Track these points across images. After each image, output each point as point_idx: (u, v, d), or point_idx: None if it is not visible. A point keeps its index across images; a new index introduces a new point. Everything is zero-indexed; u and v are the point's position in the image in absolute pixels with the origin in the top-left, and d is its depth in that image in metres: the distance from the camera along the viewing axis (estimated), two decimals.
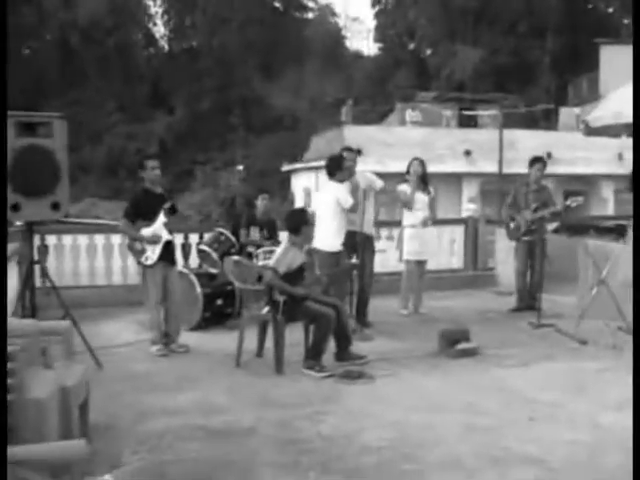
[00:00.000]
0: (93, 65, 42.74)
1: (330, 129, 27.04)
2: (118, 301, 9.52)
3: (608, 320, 7.63)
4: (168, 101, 44.49)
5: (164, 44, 49.76)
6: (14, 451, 2.36)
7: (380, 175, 8.59)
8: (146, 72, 45.01)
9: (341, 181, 7.59)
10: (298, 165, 30.12)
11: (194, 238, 10.07)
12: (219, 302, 8.38)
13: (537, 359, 6.76)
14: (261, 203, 9.09)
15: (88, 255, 10.15)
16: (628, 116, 8.80)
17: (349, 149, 8.34)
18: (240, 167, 9.44)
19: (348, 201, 7.49)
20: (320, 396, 5.67)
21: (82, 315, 6.66)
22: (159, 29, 49.98)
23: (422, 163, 8.92)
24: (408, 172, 8.93)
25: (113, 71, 42.59)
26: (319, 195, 7.91)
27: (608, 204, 23.20)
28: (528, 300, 9.17)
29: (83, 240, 10.20)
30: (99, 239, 10.26)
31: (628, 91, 9.50)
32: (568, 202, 8.75)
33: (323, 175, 26.16)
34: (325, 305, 6.50)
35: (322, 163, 25.95)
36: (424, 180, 8.92)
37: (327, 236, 7.49)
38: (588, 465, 4.24)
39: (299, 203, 29.18)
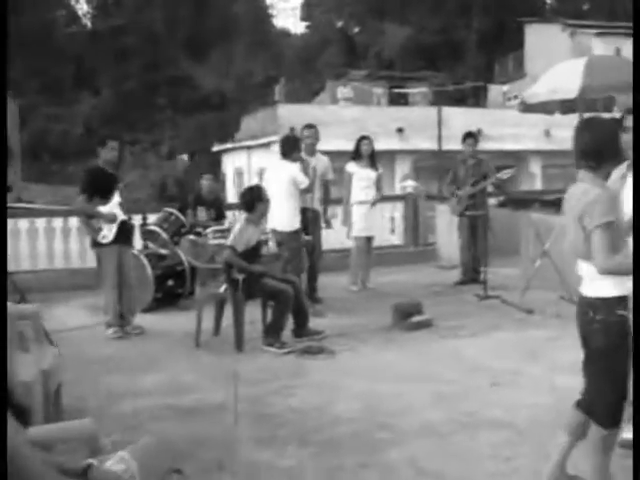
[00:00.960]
0: (11, 43, 41.31)
1: (262, 108, 26.90)
2: (62, 285, 9.38)
3: (551, 290, 7.94)
4: (93, 81, 43.46)
5: (87, 22, 48.53)
6: (29, 431, 2.37)
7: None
8: (69, 51, 43.80)
9: (294, 161, 7.63)
10: (229, 145, 29.89)
11: (137, 219, 9.99)
12: (170, 282, 8.35)
13: (488, 329, 7.00)
14: (205, 183, 9.06)
15: (29, 239, 9.94)
16: (562, 92, 9.11)
17: (310, 126, 8.40)
18: (184, 156, 9.33)
19: (305, 181, 7.55)
20: (285, 371, 5.76)
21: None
22: (82, 7, 48.73)
23: (371, 142, 9.07)
24: (357, 151, 9.04)
25: (34, 50, 41.28)
26: (271, 174, 7.92)
27: (536, 179, 23.85)
28: (472, 273, 9.43)
29: (23, 224, 9.97)
30: (40, 223, 10.06)
31: (563, 68, 9.79)
32: (500, 175, 9.09)
33: (256, 155, 26.11)
34: (283, 282, 6.58)
35: (254, 142, 25.72)
36: (372, 158, 9.05)
37: (285, 216, 7.53)
38: (552, 425, 4.42)
39: (230, 183, 29.06)
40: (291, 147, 7.69)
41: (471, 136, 9.68)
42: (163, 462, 2.49)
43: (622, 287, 3.27)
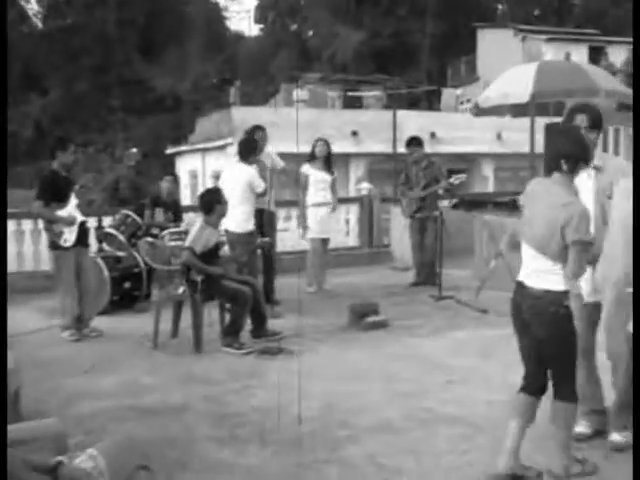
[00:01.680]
0: None
1: (217, 110, 26.85)
2: (16, 288, 9.24)
3: (505, 290, 8.11)
4: (43, 82, 42.79)
5: (37, 22, 47.74)
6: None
7: None
8: (18, 51, 43.08)
9: (252, 164, 7.71)
10: (183, 147, 29.75)
11: (92, 222, 9.93)
12: (127, 285, 8.32)
13: (444, 328, 7.14)
14: (165, 185, 9.06)
15: None
16: (514, 97, 9.37)
17: (260, 127, 8.49)
18: (134, 150, 9.29)
19: (261, 185, 7.63)
20: (244, 372, 5.81)
21: None
22: (32, 7, 47.88)
23: (326, 144, 9.13)
24: (312, 153, 9.10)
25: None
26: (227, 175, 7.97)
27: (488, 182, 24.24)
28: (425, 274, 9.56)
29: None
30: None
31: (515, 73, 10.04)
32: (452, 180, 9.20)
33: (210, 157, 25.89)
34: (241, 284, 6.62)
35: (209, 145, 25.54)
36: (328, 161, 9.10)
37: (240, 218, 7.58)
38: (506, 420, 4.57)
39: (185, 186, 28.91)
40: (249, 150, 7.76)
41: (413, 140, 9.64)
42: (131, 459, 2.53)
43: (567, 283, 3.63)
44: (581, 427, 4.21)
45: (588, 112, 4.12)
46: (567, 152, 3.61)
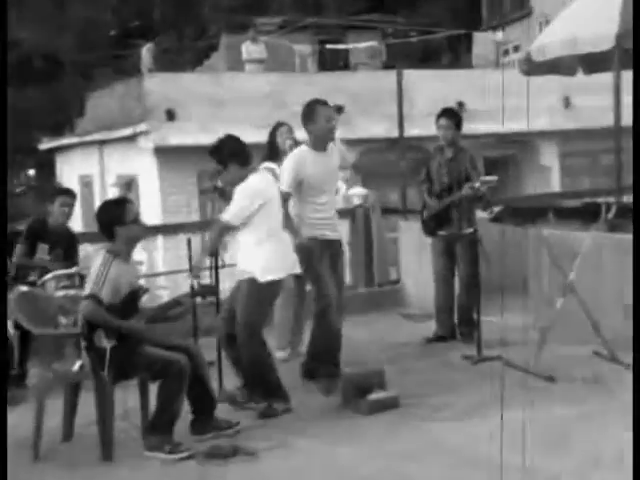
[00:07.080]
0: None
1: (119, 80, 26.96)
2: None
3: (580, 343, 8.33)
4: None
5: None
6: None
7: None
8: None
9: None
10: (68, 140, 29.72)
11: None
12: None
13: (484, 407, 7.23)
14: (59, 210, 8.91)
15: None
16: (589, 43, 9.40)
17: (324, 102, 8.29)
18: (31, 171, 9.35)
19: None
20: None
21: None
22: None
23: (291, 129, 9.32)
24: (274, 145, 9.23)
25: None
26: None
27: (551, 174, 24.31)
28: (452, 323, 9.72)
29: None
30: None
31: (587, 4, 10.12)
32: (477, 184, 9.17)
33: (113, 153, 26.13)
34: (172, 350, 6.75)
35: (110, 135, 25.50)
36: None
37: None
38: None
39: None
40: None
41: (446, 114, 9.75)
42: None
43: None
44: None
45: None
46: None
